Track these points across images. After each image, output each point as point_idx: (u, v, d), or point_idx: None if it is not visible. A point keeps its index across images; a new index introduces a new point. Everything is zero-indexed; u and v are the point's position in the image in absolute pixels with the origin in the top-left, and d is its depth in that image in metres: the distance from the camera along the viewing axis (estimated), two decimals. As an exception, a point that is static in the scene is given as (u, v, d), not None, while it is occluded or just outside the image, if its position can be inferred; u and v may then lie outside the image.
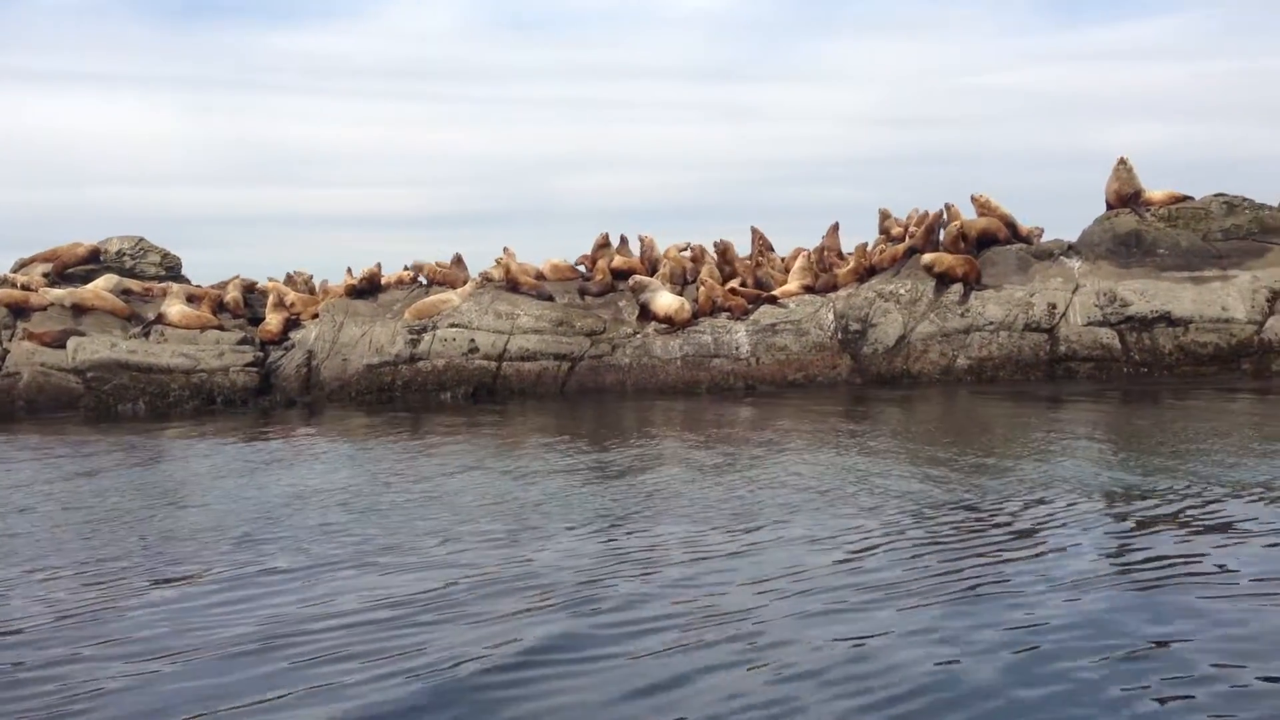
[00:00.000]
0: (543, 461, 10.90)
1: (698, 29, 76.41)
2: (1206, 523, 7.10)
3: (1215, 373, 16.49)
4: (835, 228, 21.01)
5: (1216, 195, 19.03)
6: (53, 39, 68.71)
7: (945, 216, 19.25)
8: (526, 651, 5.07)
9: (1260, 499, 7.68)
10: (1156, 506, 7.63)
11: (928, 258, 18.27)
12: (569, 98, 73.82)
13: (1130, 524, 7.23)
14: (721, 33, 76.61)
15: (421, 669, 4.91)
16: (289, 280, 22.49)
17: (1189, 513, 7.38)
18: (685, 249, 21.24)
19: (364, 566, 6.85)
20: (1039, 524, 7.26)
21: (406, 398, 18.56)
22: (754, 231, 21.55)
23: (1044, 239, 19.64)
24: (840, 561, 6.49)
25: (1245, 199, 18.86)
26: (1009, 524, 7.29)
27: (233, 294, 21.54)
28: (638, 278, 19.48)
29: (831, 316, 18.40)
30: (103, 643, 5.56)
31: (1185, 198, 19.12)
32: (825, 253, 20.51)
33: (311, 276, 22.74)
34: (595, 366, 18.56)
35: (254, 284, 22.47)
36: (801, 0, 78.26)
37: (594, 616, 5.59)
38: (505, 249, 20.60)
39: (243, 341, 19.77)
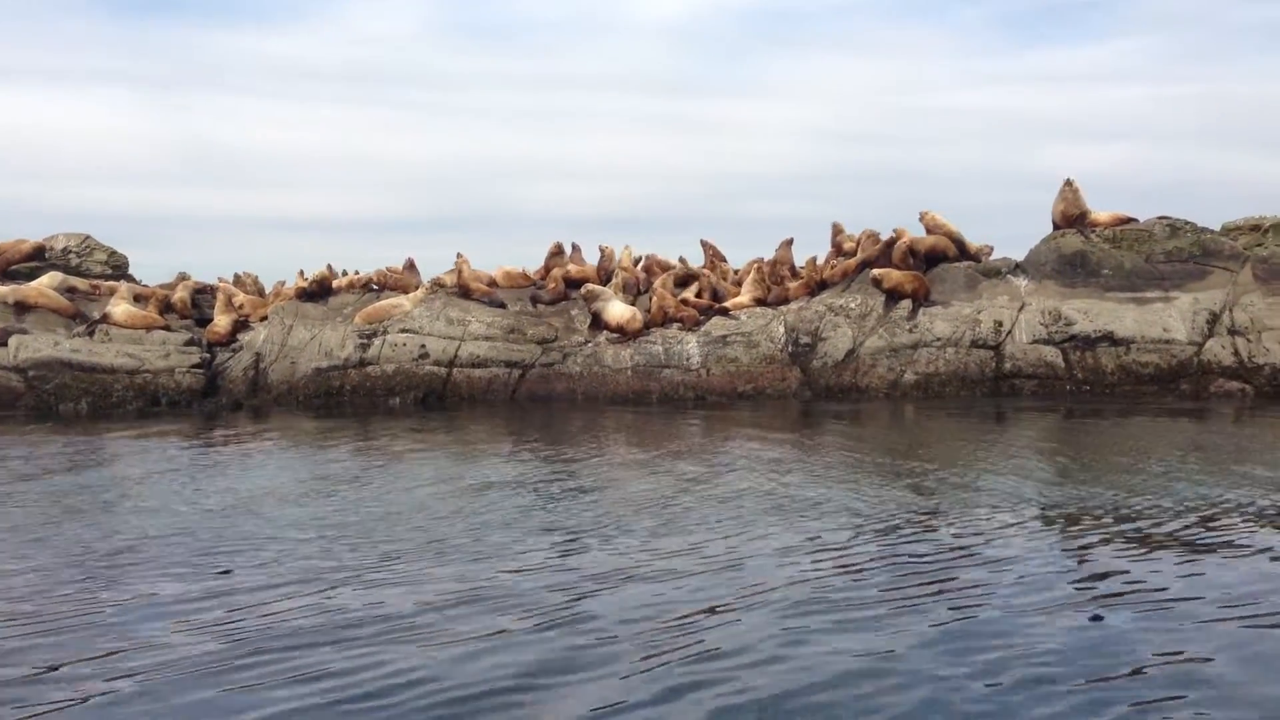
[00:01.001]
0: (494, 471, 10.84)
1: (656, 41, 76.80)
2: (1142, 541, 7.23)
3: (1155, 392, 16.80)
4: (789, 242, 21.20)
5: (1160, 218, 19.41)
6: (3, 33, 67.65)
7: (894, 237, 19.50)
8: (494, 670, 4.95)
9: (1197, 518, 7.83)
10: (1094, 524, 7.76)
11: (877, 271, 18.49)
12: (526, 106, 73.80)
13: (1067, 539, 7.35)
14: (679, 46, 77.01)
15: (380, 689, 4.76)
16: (237, 282, 22.28)
17: (1126, 530, 7.51)
18: (639, 259, 21.33)
19: (311, 581, 6.77)
20: (980, 539, 7.35)
21: (355, 402, 18.46)
22: (705, 245, 21.71)
23: (993, 257, 19.94)
24: (800, 577, 6.54)
25: (1188, 222, 19.25)
26: (952, 540, 7.38)
27: (180, 294, 21.28)
28: (590, 286, 19.51)
29: (782, 329, 18.54)
30: (51, 663, 5.26)
31: (1130, 219, 19.47)
32: (778, 265, 20.67)
33: (258, 278, 22.53)
34: (546, 374, 18.56)
35: (203, 285, 22.23)
36: (759, 16, 78.82)
37: (548, 633, 5.58)
38: (459, 255, 20.56)
39: (189, 343, 19.54)
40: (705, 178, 70.90)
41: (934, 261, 19.36)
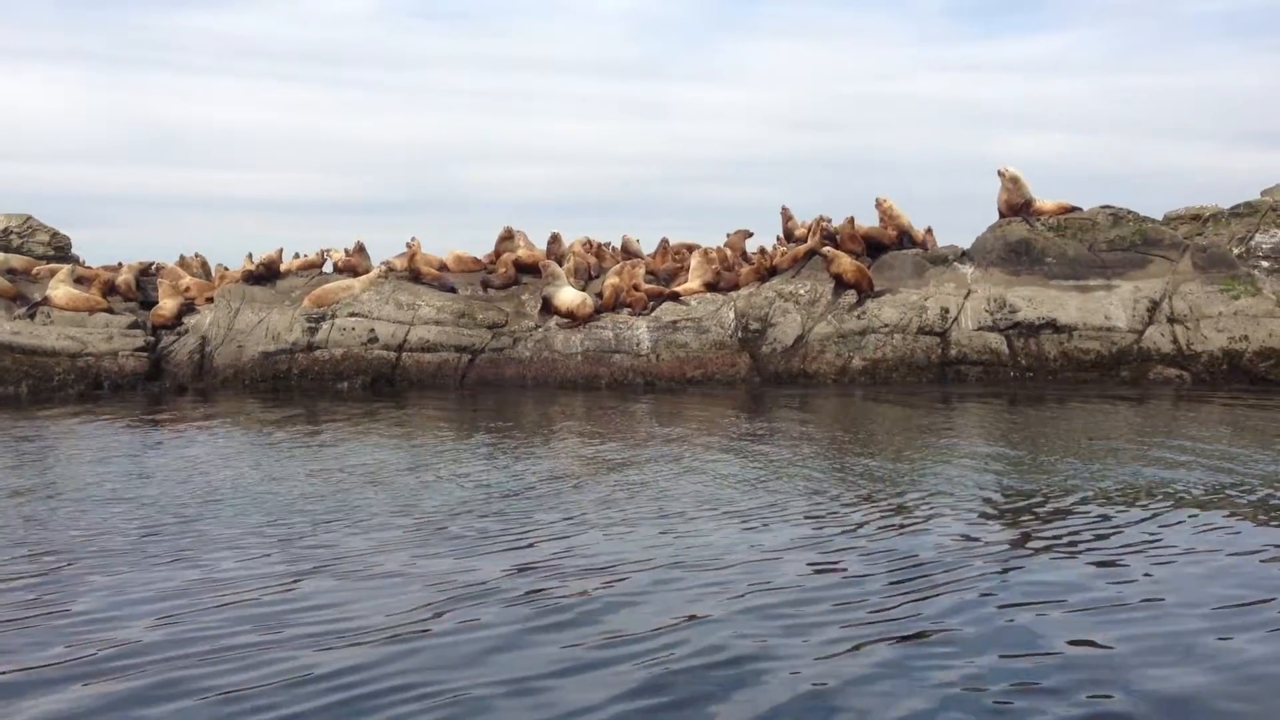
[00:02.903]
0: (442, 459, 10.82)
1: (615, 25, 76.67)
2: (1077, 529, 7.38)
3: (1097, 379, 17.09)
4: (746, 234, 21.24)
5: (1103, 207, 19.69)
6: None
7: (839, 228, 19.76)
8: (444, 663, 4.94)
9: (1129, 503, 8.01)
10: (1032, 509, 7.92)
11: (827, 250, 18.68)
12: (482, 88, 73.37)
13: (1002, 526, 7.49)
14: (639, 30, 76.93)
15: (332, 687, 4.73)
16: (182, 263, 21.98)
17: (1061, 517, 7.67)
18: (590, 243, 21.33)
19: (251, 572, 6.75)
20: (919, 521, 7.47)
21: (302, 386, 18.33)
22: (663, 242, 21.64)
23: (942, 245, 20.16)
24: (748, 563, 6.61)
25: (1130, 211, 19.55)
26: (897, 523, 7.50)
27: (125, 276, 20.99)
28: (549, 264, 19.47)
29: (732, 315, 18.62)
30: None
31: (1074, 208, 19.74)
32: (731, 251, 20.72)
33: (205, 260, 22.25)
34: (496, 359, 18.52)
35: (148, 266, 21.91)
36: (719, 1, 78.79)
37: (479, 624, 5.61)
38: (412, 239, 20.42)
39: (133, 325, 19.29)
40: (661, 162, 71.03)
41: (875, 249, 19.64)
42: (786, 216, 21.38)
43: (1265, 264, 18.65)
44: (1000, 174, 19.76)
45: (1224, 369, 16.77)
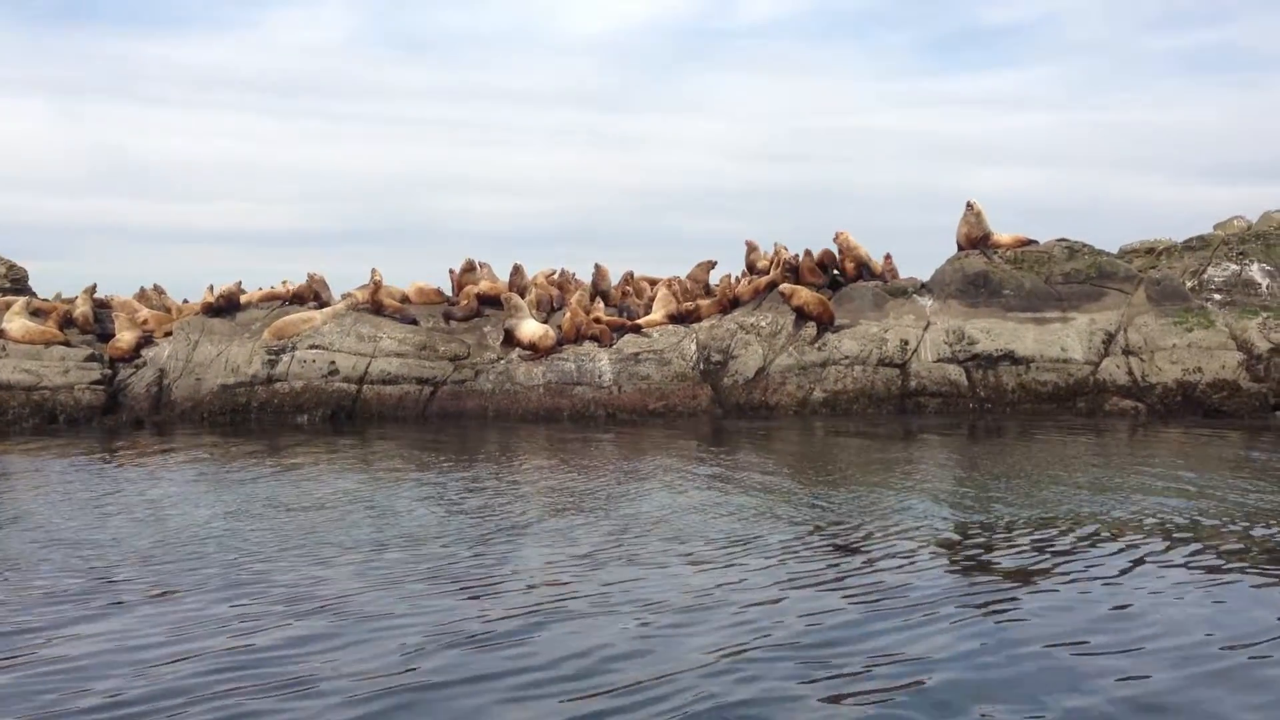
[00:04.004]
0: (402, 493, 10.76)
1: (585, 57, 77.09)
2: (1036, 558, 7.44)
3: (1053, 410, 17.27)
4: (711, 264, 21.32)
5: (1059, 240, 19.99)
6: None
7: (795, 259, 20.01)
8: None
9: (1094, 534, 8.09)
10: (991, 540, 7.98)
11: (785, 287, 18.81)
12: (449, 119, 73.48)
13: (967, 555, 7.54)
14: (606, 62, 77.39)
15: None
16: (142, 295, 21.78)
17: (1022, 548, 7.73)
18: (553, 274, 21.37)
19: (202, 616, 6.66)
20: (880, 556, 7.50)
21: (262, 420, 18.17)
22: (627, 275, 21.71)
23: (904, 276, 20.36)
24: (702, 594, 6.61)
25: (1085, 244, 19.85)
26: (861, 557, 7.52)
27: (82, 309, 20.76)
28: (511, 296, 19.46)
29: (694, 347, 18.68)
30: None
31: (1030, 241, 20.02)
32: (693, 283, 20.81)
33: (164, 292, 22.07)
34: (457, 391, 18.46)
35: (106, 299, 21.68)
36: (685, 34, 79.57)
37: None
38: (374, 270, 20.35)
39: (90, 358, 19.07)
40: (627, 193, 71.30)
41: (826, 270, 20.12)
42: (751, 248, 21.49)
43: (1218, 297, 18.97)
44: (969, 205, 20.02)
45: (1178, 401, 17.00)
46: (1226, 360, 17.16)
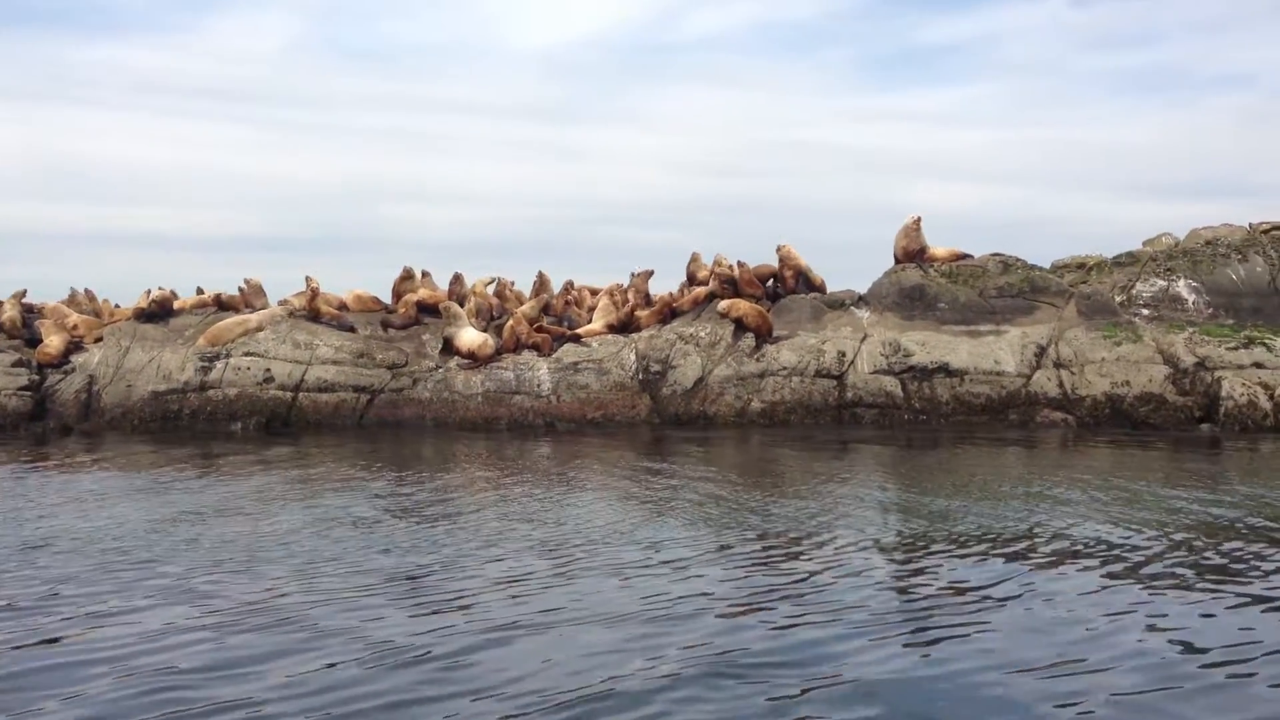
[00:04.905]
0: (338, 504, 10.63)
1: (531, 68, 76.91)
2: (976, 572, 7.54)
3: (986, 421, 17.52)
4: (649, 274, 21.35)
5: (994, 255, 20.33)
6: None
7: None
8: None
9: (1023, 546, 8.22)
10: (931, 553, 8.07)
11: (723, 305, 18.89)
12: (392, 128, 72.92)
13: (905, 569, 7.62)
14: (552, 74, 77.27)
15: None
16: (73, 299, 21.36)
17: (961, 562, 7.83)
18: (491, 283, 21.30)
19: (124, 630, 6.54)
20: (821, 567, 7.56)
21: (194, 427, 17.87)
22: (567, 284, 21.68)
23: (842, 289, 20.55)
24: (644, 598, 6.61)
25: (1019, 259, 20.21)
26: (794, 567, 7.57)
27: (9, 313, 20.31)
28: (450, 305, 19.36)
29: (633, 357, 18.71)
30: None
31: (965, 256, 20.33)
32: (634, 293, 20.83)
33: (96, 296, 21.65)
34: (395, 400, 18.32)
35: (23, 293, 21.18)
36: (631, 47, 79.75)
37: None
38: (309, 278, 20.14)
39: (17, 363, 18.65)
40: (575, 204, 71.25)
41: (767, 280, 20.44)
42: (693, 260, 21.51)
43: (1145, 312, 19.39)
44: (915, 219, 20.25)
45: (1107, 413, 17.33)
46: (1153, 374, 17.53)
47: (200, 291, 21.05)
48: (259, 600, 6.71)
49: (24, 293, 20.91)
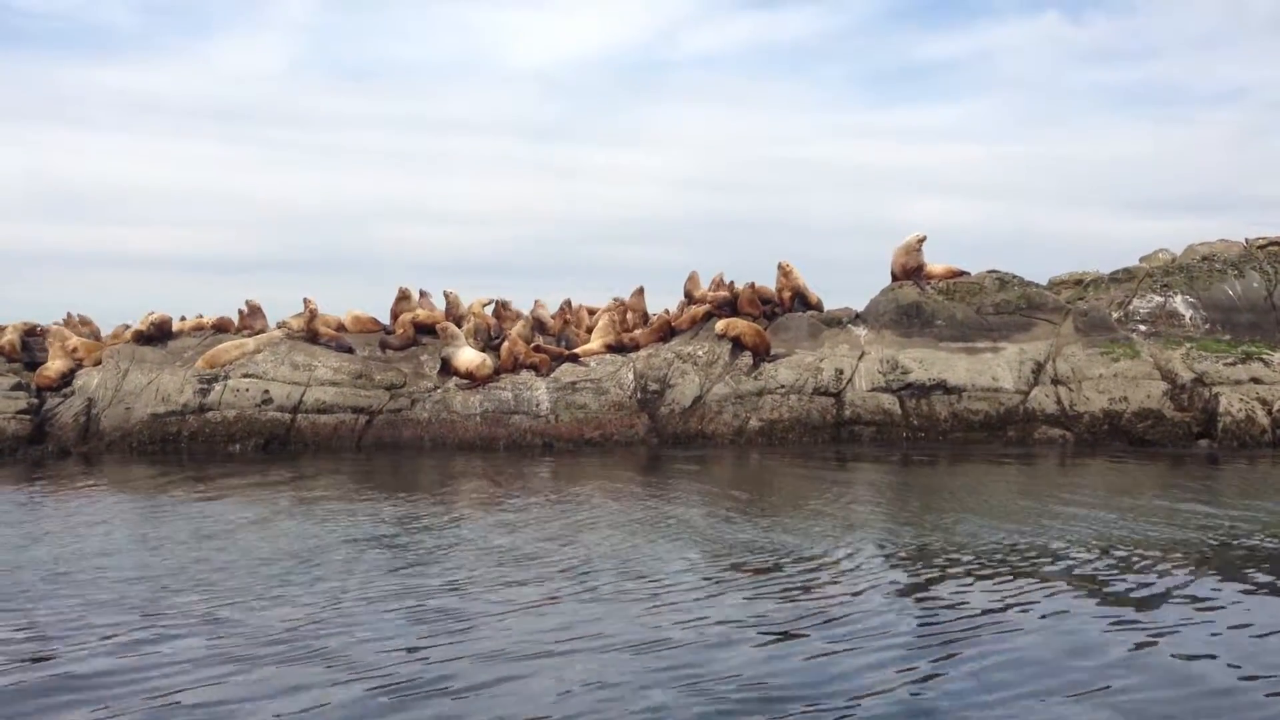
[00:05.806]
0: (338, 530, 10.63)
1: (528, 88, 77.20)
2: (983, 591, 7.55)
3: (984, 439, 17.53)
4: (640, 291, 21.43)
5: (990, 272, 20.37)
6: None
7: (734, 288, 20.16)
8: None
9: (1021, 564, 8.22)
10: (936, 573, 8.08)
11: (720, 325, 18.91)
12: (391, 147, 73.17)
13: (911, 588, 7.62)
14: (551, 92, 77.58)
15: None
16: (68, 323, 21.39)
17: (967, 581, 7.84)
18: (489, 304, 21.34)
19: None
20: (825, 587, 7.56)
21: (192, 449, 17.86)
22: (565, 303, 21.75)
23: (840, 306, 20.59)
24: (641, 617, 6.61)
25: (1015, 276, 20.25)
26: (799, 588, 7.57)
27: (9, 337, 20.34)
28: (447, 325, 19.38)
29: (631, 376, 18.72)
30: None
31: (962, 273, 20.38)
32: (630, 312, 20.89)
33: (91, 320, 21.70)
34: (394, 420, 18.31)
35: (33, 328, 21.25)
36: (630, 65, 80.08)
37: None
38: (307, 300, 20.18)
39: (16, 387, 18.66)
40: (573, 223, 71.46)
41: (766, 302, 20.30)
42: (691, 279, 21.54)
43: (1143, 328, 19.43)
44: (919, 237, 20.29)
45: (1105, 429, 17.34)
46: (1151, 390, 17.55)
47: (200, 317, 21.08)
48: (270, 628, 6.71)
49: (34, 327, 21.09)
